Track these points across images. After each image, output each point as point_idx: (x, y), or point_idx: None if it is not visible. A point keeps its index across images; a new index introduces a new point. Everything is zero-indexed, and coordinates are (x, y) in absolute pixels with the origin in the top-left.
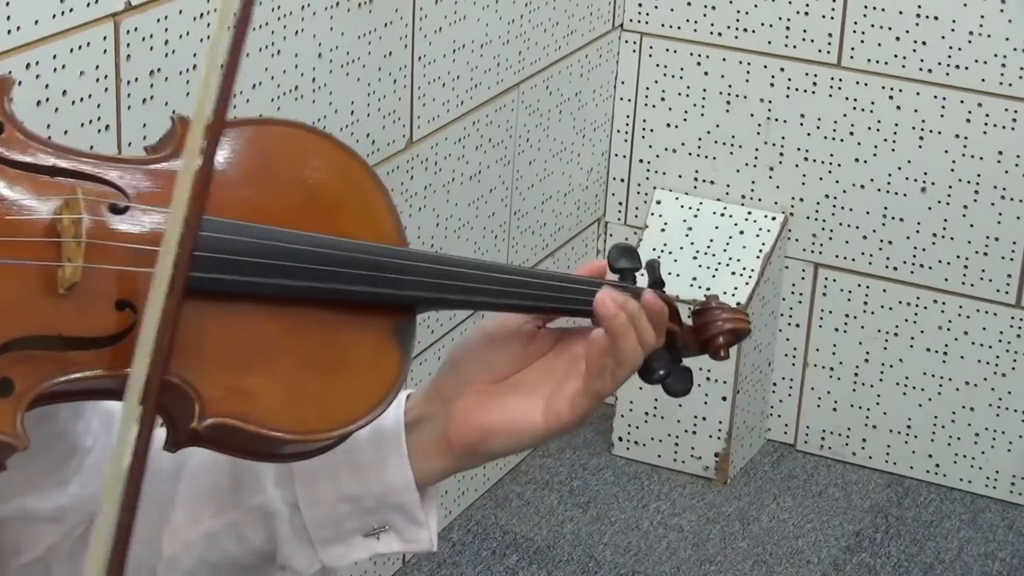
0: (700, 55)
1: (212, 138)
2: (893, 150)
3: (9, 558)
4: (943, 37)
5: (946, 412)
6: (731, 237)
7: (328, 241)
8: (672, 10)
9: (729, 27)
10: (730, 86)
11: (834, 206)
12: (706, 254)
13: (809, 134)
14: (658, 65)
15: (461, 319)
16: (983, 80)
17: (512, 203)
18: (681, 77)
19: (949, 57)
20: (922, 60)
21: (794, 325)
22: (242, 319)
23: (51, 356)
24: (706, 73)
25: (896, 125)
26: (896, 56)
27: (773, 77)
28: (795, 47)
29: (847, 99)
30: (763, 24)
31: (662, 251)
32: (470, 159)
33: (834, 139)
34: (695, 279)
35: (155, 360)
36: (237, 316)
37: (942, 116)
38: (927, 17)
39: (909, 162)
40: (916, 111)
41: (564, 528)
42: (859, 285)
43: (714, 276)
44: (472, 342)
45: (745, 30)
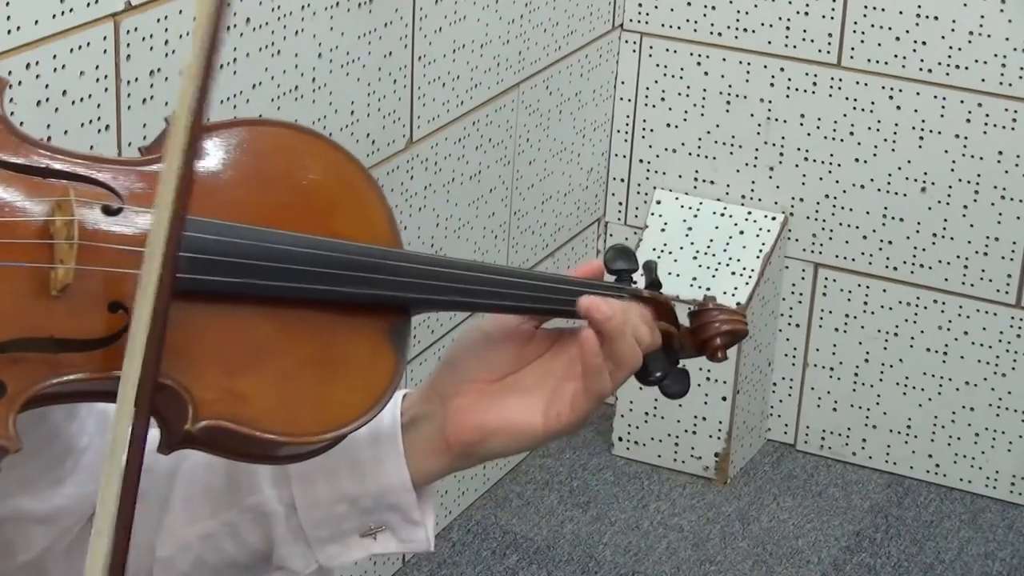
0: (700, 55)
1: (193, 138)
2: (893, 150)
3: (4, 559)
4: (943, 37)
5: (946, 412)
6: (731, 237)
7: (322, 242)
8: (672, 10)
9: (729, 27)
10: (730, 86)
11: (834, 206)
12: (706, 254)
13: (809, 134)
14: (658, 65)
15: (461, 319)
16: (983, 80)
17: (512, 203)
18: (681, 77)
19: (949, 57)
20: (922, 60)
21: (794, 325)
22: (236, 321)
23: (44, 358)
24: (706, 73)
25: (896, 125)
26: (896, 56)
27: (773, 77)
28: (795, 47)
29: (847, 99)
30: (763, 24)
31: (662, 251)
32: (470, 159)
33: (834, 139)
34: (695, 279)
35: (147, 361)
36: (231, 318)
37: (942, 116)
38: (927, 17)
39: (909, 162)
40: (916, 111)
41: (564, 528)
42: (859, 285)
43: (714, 276)
44: (470, 341)
45: (745, 30)
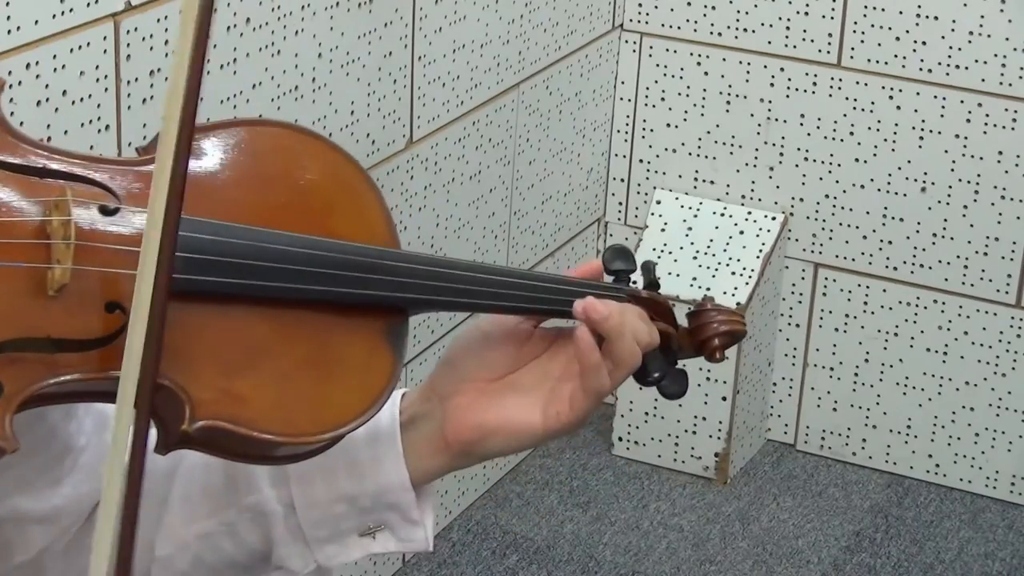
0: (700, 55)
1: (184, 138)
2: (893, 150)
3: (2, 559)
4: (943, 37)
5: (946, 412)
6: (731, 237)
7: (320, 243)
8: (672, 10)
9: (729, 27)
10: (730, 86)
11: (834, 206)
12: (706, 254)
13: (809, 134)
14: (658, 65)
15: (460, 320)
16: (983, 80)
17: (512, 203)
18: (681, 77)
19: (949, 57)
20: (922, 60)
21: (794, 325)
22: (233, 321)
23: (40, 358)
24: (706, 73)
25: (896, 125)
26: (896, 56)
27: (773, 77)
28: (795, 47)
29: (847, 99)
30: (763, 24)
31: (662, 251)
32: (470, 159)
33: (834, 139)
34: (695, 279)
35: (146, 361)
36: (228, 318)
37: (942, 116)
38: (927, 17)
39: (909, 162)
40: (916, 111)
41: (564, 528)
42: (859, 285)
43: (714, 276)
44: (469, 340)
45: (745, 30)
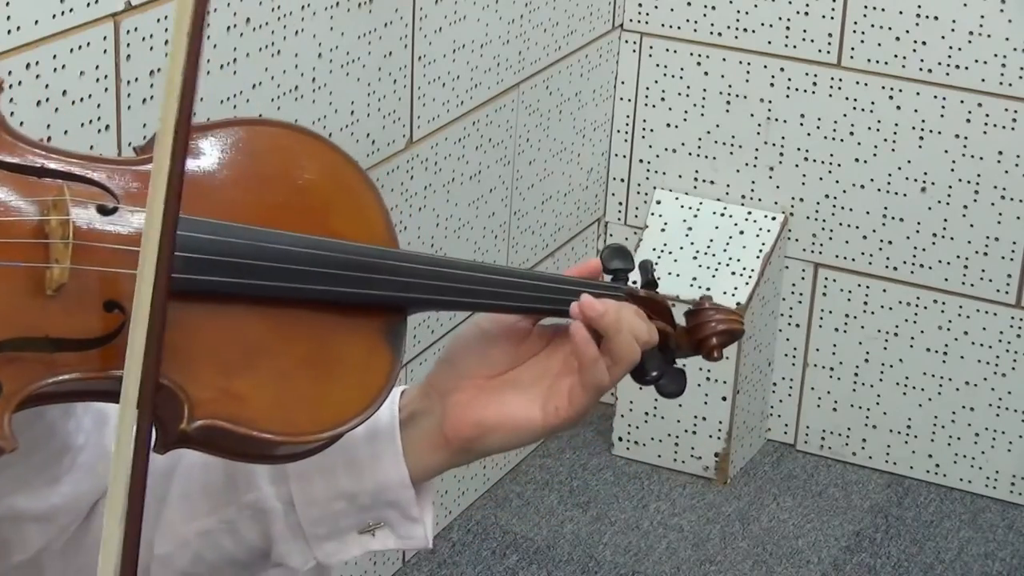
0: (700, 55)
1: (181, 137)
2: (893, 150)
3: (0, 558)
4: (943, 37)
5: (946, 412)
6: (731, 237)
7: (319, 242)
8: (672, 10)
9: (729, 27)
10: (730, 86)
11: (834, 206)
12: (706, 254)
13: (809, 134)
14: (658, 65)
15: (460, 319)
16: (983, 80)
17: (512, 203)
18: (681, 77)
19: (949, 57)
20: (922, 60)
21: (794, 325)
22: (232, 320)
23: (39, 358)
24: (706, 73)
25: (896, 125)
26: (896, 56)
27: (773, 77)
28: (795, 47)
29: (847, 99)
30: (763, 24)
31: (662, 251)
32: (470, 159)
33: (834, 139)
34: (695, 279)
35: (146, 360)
36: (227, 317)
37: (942, 116)
38: (927, 17)
39: (909, 162)
40: (916, 111)
41: (564, 528)
42: (859, 285)
43: (714, 276)
44: (468, 337)
45: (745, 30)
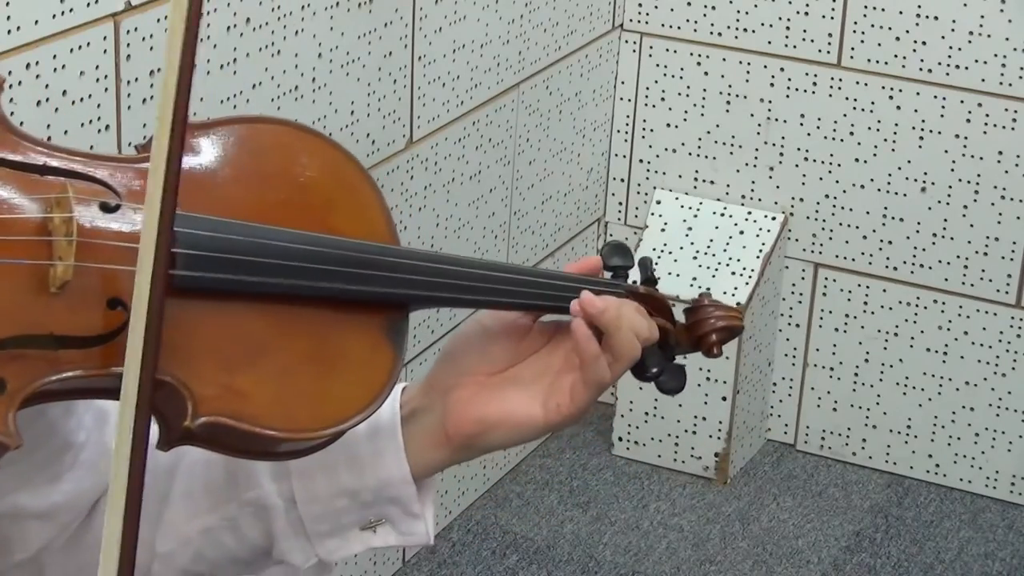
0: (700, 55)
1: (177, 135)
2: (893, 150)
3: (2, 556)
4: (943, 37)
5: (946, 412)
6: (731, 237)
7: (320, 239)
8: (672, 10)
9: (729, 27)
10: (730, 86)
11: (834, 206)
12: (706, 254)
13: (809, 134)
14: (658, 65)
15: (460, 320)
16: (983, 80)
17: (512, 203)
18: (681, 77)
19: (949, 57)
20: (922, 60)
21: (794, 325)
22: (235, 317)
23: (43, 355)
24: (706, 73)
25: (896, 125)
26: (896, 56)
27: (773, 77)
28: (795, 47)
29: (847, 99)
30: (763, 24)
31: (662, 251)
32: (470, 159)
33: (834, 139)
34: (695, 279)
35: (146, 358)
36: (230, 314)
37: (942, 116)
38: (927, 17)
39: (909, 162)
40: (916, 111)
41: (564, 528)
42: (859, 285)
43: (714, 276)
44: (469, 334)
45: (745, 30)
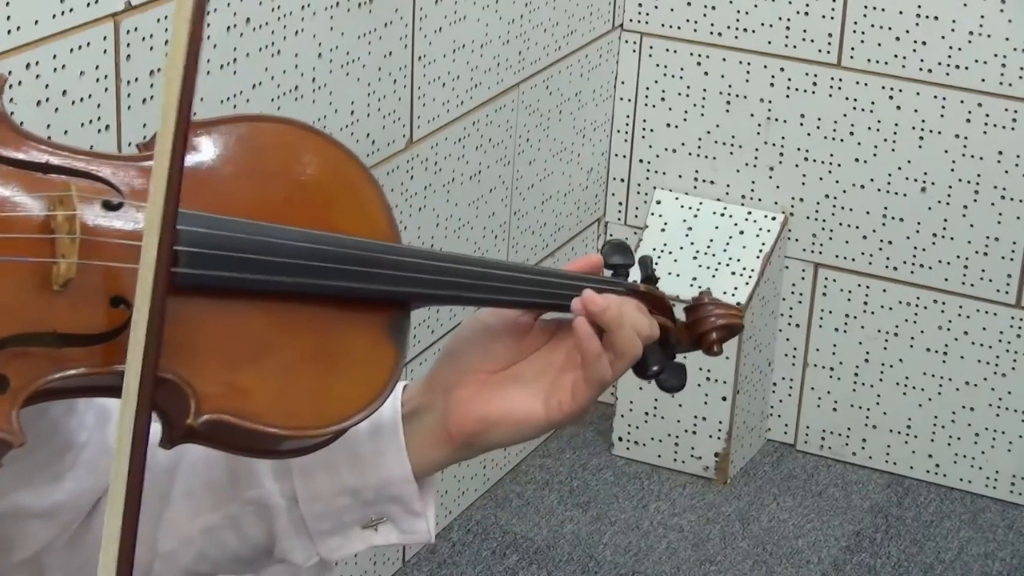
0: (700, 55)
1: (181, 133)
2: (893, 150)
3: (2, 556)
4: (943, 37)
5: (946, 412)
6: (731, 237)
7: (322, 237)
8: (672, 10)
9: (729, 27)
10: (730, 86)
11: (834, 206)
12: (706, 254)
13: (809, 134)
14: (658, 65)
15: (460, 319)
16: (983, 80)
17: (512, 203)
18: (681, 77)
19: (949, 57)
20: (922, 60)
21: (794, 325)
22: (237, 315)
23: (46, 353)
24: (706, 73)
25: (896, 125)
26: (896, 56)
27: (773, 77)
28: (795, 47)
29: (847, 99)
30: (763, 24)
31: (662, 251)
32: (470, 159)
33: (834, 139)
34: (695, 279)
35: (147, 356)
36: (232, 312)
37: (942, 116)
38: (927, 17)
39: (909, 162)
40: (916, 111)
41: (564, 528)
42: (859, 285)
43: (714, 276)
44: (470, 332)
45: (745, 30)
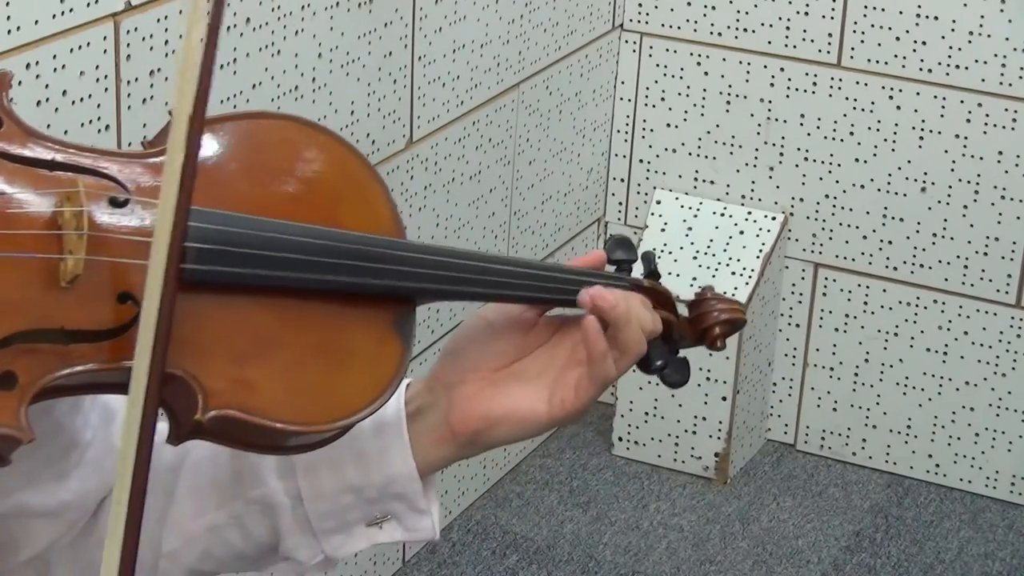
0: (700, 55)
1: (195, 129)
2: (893, 150)
3: (8, 555)
4: (943, 37)
5: (946, 412)
6: (731, 237)
7: (328, 233)
8: (672, 10)
9: (729, 27)
10: (730, 86)
11: (834, 206)
12: (706, 254)
13: (809, 134)
14: (658, 65)
15: (460, 319)
16: (983, 80)
17: (512, 203)
18: (681, 77)
19: (949, 57)
20: (922, 60)
21: (794, 325)
22: (243, 311)
23: (54, 349)
24: (706, 73)
25: (896, 125)
26: (896, 56)
27: (773, 77)
28: (795, 47)
29: (847, 99)
30: (763, 24)
31: (662, 251)
32: (470, 159)
33: (834, 139)
34: (695, 279)
35: (155, 352)
36: (238, 308)
37: (942, 116)
38: (927, 17)
39: (909, 162)
40: (916, 111)
41: (564, 528)
42: (859, 285)
43: (714, 276)
44: (473, 329)
45: (745, 30)
